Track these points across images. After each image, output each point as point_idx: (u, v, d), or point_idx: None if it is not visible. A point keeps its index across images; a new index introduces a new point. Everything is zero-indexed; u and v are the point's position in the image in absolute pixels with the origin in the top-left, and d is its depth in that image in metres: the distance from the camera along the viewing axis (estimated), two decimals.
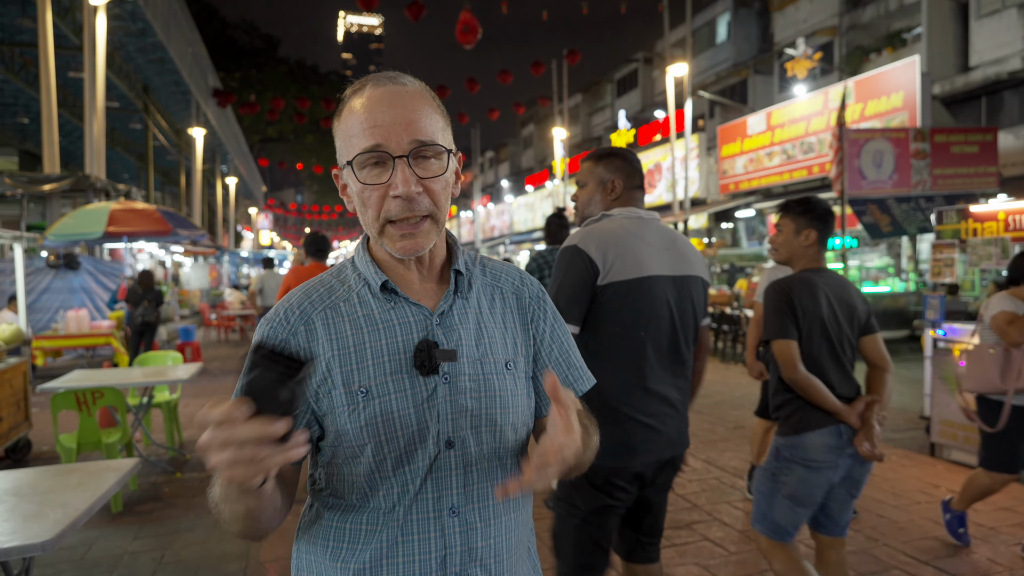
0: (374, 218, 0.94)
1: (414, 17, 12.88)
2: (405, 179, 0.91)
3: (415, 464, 0.93)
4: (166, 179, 29.67)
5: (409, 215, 0.93)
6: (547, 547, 3.44)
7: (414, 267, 1.00)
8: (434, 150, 0.94)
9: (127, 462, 2.46)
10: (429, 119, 0.94)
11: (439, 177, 0.94)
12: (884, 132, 11.68)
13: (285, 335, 0.95)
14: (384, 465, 0.92)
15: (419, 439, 0.93)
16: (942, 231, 5.92)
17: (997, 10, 13.37)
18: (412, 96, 0.94)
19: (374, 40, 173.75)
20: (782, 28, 19.90)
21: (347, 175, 0.97)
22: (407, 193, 0.91)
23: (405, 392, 0.93)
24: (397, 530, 0.93)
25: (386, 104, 0.92)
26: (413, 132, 0.92)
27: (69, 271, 9.63)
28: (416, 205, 0.92)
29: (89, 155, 11.47)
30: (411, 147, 0.91)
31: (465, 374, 0.96)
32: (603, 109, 32.16)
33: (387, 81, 0.94)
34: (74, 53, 13.86)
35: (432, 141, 0.93)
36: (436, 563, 0.93)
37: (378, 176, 0.92)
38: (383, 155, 0.91)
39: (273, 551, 3.45)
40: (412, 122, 0.92)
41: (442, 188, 0.95)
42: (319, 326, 0.96)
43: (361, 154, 0.92)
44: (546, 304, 1.10)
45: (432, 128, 0.94)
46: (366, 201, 0.94)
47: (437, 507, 0.94)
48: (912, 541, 3.48)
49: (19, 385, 5.08)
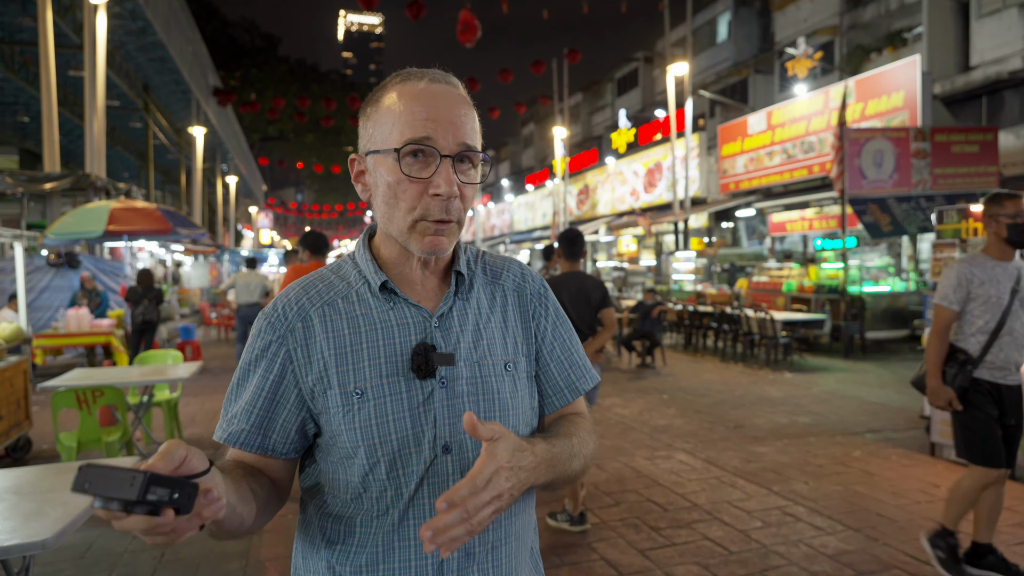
0: (407, 210, 0.92)
1: (414, 16, 12.88)
2: (449, 179, 0.90)
3: (409, 468, 0.91)
4: (166, 178, 29.66)
5: (446, 217, 0.92)
6: (546, 547, 3.44)
7: (418, 266, 0.98)
8: (476, 157, 0.94)
9: (127, 461, 2.46)
10: (473, 125, 0.95)
11: (473, 185, 0.95)
12: (885, 132, 11.68)
13: (283, 331, 0.95)
14: (377, 468, 0.91)
15: (413, 443, 0.91)
16: (943, 231, 5.92)
17: (998, 9, 13.36)
18: (463, 100, 0.95)
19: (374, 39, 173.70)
20: (783, 27, 19.89)
21: (376, 162, 0.94)
22: (449, 193, 0.90)
23: (400, 395, 0.92)
24: (393, 534, 0.92)
25: (441, 101, 0.92)
26: (461, 135, 0.92)
27: (69, 270, 9.63)
28: (452, 207, 0.92)
29: (89, 154, 11.47)
30: (459, 149, 0.91)
31: (463, 378, 0.95)
32: (603, 108, 32.14)
33: (442, 79, 0.94)
34: (74, 52, 13.87)
35: (476, 148, 0.94)
36: (433, 569, 0.92)
37: (420, 170, 0.90)
38: (431, 150, 0.90)
39: (273, 550, 3.45)
40: (462, 125, 0.92)
41: (471, 196, 0.95)
42: (317, 324, 0.95)
43: (411, 143, 0.90)
44: (548, 301, 1.09)
45: (476, 135, 0.95)
46: (400, 193, 0.91)
47: (434, 512, 0.92)
48: (912, 541, 3.48)
49: (19, 384, 5.08)
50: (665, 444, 5.40)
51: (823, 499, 4.11)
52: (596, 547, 3.46)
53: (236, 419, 0.94)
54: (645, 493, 4.26)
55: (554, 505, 3.93)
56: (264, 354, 0.95)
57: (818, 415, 6.35)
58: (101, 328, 8.38)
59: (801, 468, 4.74)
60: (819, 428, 5.87)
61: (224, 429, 0.95)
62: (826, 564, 3.23)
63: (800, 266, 13.05)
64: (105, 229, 8.67)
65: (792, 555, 3.33)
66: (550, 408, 1.07)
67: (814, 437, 5.57)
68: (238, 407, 0.94)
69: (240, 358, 0.98)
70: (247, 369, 0.95)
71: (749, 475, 4.59)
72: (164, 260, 16.67)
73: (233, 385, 0.97)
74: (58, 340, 8.24)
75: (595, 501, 4.12)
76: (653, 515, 3.88)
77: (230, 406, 0.96)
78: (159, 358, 5.53)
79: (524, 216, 32.49)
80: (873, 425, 5.97)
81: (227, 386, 0.98)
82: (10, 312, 7.46)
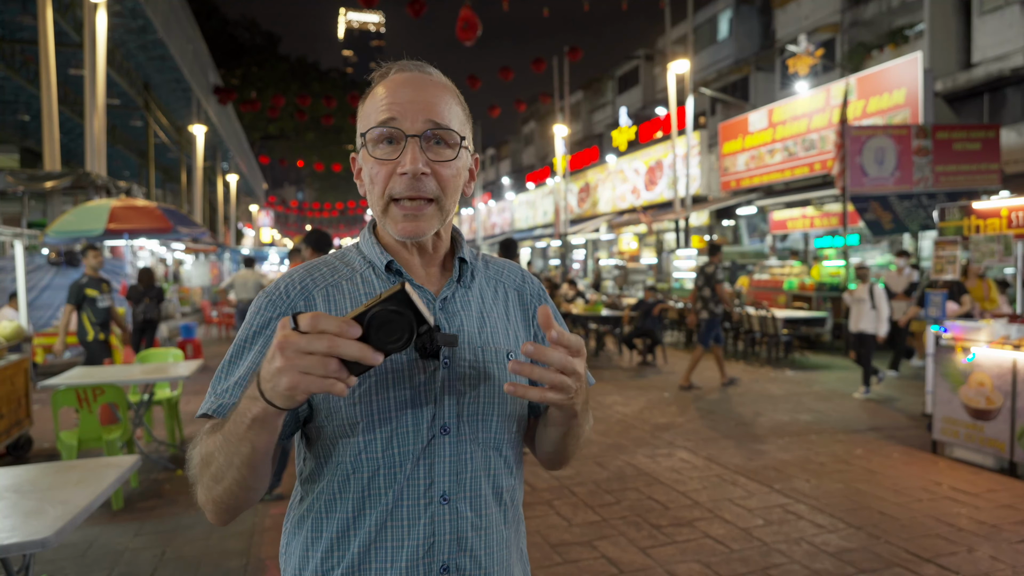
0: (379, 195, 0.94)
1: (416, 14, 12.86)
2: (414, 157, 0.91)
3: (405, 447, 0.91)
4: (167, 176, 29.64)
5: (414, 195, 0.92)
6: (534, 546, 3.44)
7: (416, 254, 1.00)
8: (448, 135, 0.94)
9: (128, 459, 2.46)
10: (448, 107, 0.95)
11: (449, 163, 0.94)
12: (886, 129, 11.65)
13: (284, 308, 0.94)
14: (373, 445, 0.90)
15: (412, 422, 0.91)
16: (944, 228, 5.90)
17: (1000, 7, 13.32)
18: (435, 84, 0.96)
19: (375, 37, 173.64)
20: (784, 24, 19.85)
21: (362, 155, 0.97)
22: (414, 171, 0.90)
23: (403, 373, 0.92)
24: (386, 515, 0.91)
25: (408, 86, 0.94)
26: (429, 114, 0.92)
27: (70, 268, 9.63)
28: (422, 186, 0.92)
29: (90, 152, 11.46)
30: (425, 127, 0.92)
31: (466, 360, 0.95)
32: (604, 106, 32.09)
33: (413, 67, 0.96)
34: (75, 50, 13.84)
35: (447, 126, 0.94)
36: (423, 550, 0.91)
37: (389, 153, 0.92)
38: (396, 132, 0.91)
39: (273, 548, 3.44)
40: (431, 105, 0.93)
41: (451, 175, 0.95)
42: (319, 301, 0.95)
43: (375, 127, 0.92)
44: (547, 303, 1.10)
45: (449, 115, 0.95)
46: (374, 177, 0.94)
47: (428, 494, 0.92)
48: (914, 539, 3.47)
49: (20, 382, 5.08)
50: (666, 442, 5.40)
51: (825, 497, 4.11)
52: (597, 545, 3.45)
53: (228, 393, 0.91)
54: (646, 491, 4.25)
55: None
56: (263, 331, 0.94)
57: (819, 413, 6.34)
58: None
59: (803, 466, 4.73)
60: (820, 426, 5.86)
61: (213, 402, 0.91)
62: (828, 562, 3.22)
63: (801, 264, 13.02)
64: (106, 228, 8.67)
65: (794, 553, 3.33)
66: (544, 407, 1.07)
67: (815, 435, 5.56)
68: (230, 382, 0.92)
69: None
70: (242, 345, 0.94)
71: (750, 473, 4.58)
72: (165, 259, 16.67)
73: (225, 362, 0.94)
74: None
75: (596, 499, 4.11)
76: (654, 513, 3.88)
77: (219, 383, 0.93)
78: (160, 356, 5.53)
79: (525, 214, 32.46)
80: (875, 423, 5.96)
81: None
82: (11, 311, 7.46)
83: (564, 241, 22.99)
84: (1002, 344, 4.62)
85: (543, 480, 4.45)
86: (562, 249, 23.10)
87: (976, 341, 4.80)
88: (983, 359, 4.67)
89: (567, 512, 3.90)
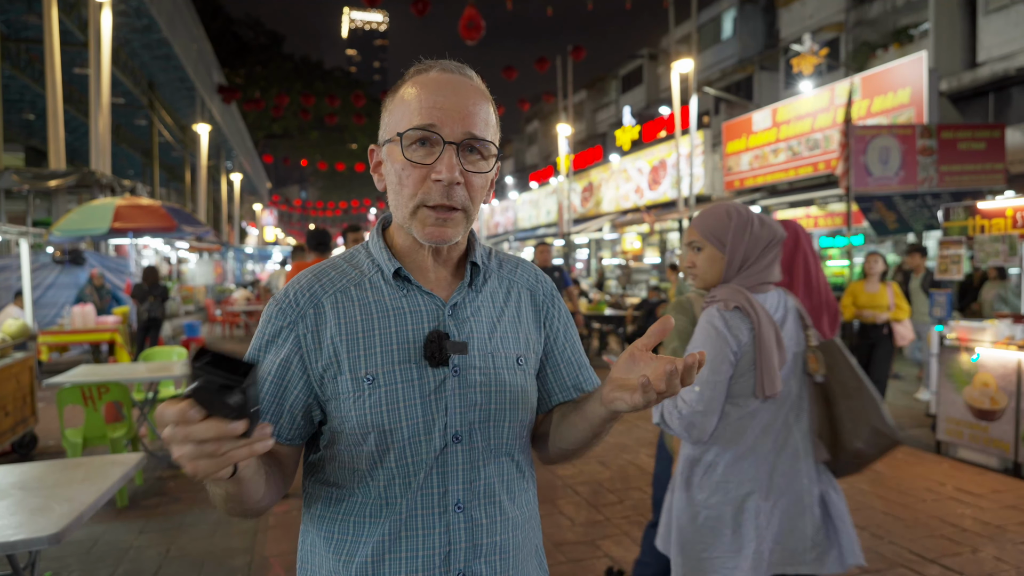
0: (409, 197, 0.92)
1: (419, 13, 12.87)
2: (451, 165, 0.90)
3: (418, 456, 0.91)
4: (171, 175, 29.72)
5: (446, 202, 0.91)
6: (552, 544, 3.44)
7: (430, 256, 0.98)
8: (485, 147, 0.94)
9: (132, 457, 2.47)
10: (487, 118, 0.94)
11: (482, 174, 0.94)
12: (891, 129, 11.61)
13: (294, 317, 0.94)
14: (387, 456, 0.91)
15: (424, 431, 0.91)
16: (949, 228, 5.88)
17: (1005, 6, 13.27)
18: (476, 91, 0.94)
19: (378, 37, 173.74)
20: (788, 24, 19.80)
21: (388, 150, 0.95)
22: (449, 179, 0.89)
23: (412, 382, 0.91)
24: (400, 524, 0.91)
25: (450, 90, 0.92)
26: (469, 124, 0.91)
27: (75, 267, 9.67)
28: (454, 194, 0.91)
29: (95, 151, 11.50)
30: (464, 137, 0.91)
31: (476, 367, 0.95)
32: (608, 105, 32.05)
33: (455, 69, 0.95)
34: (79, 49, 13.89)
35: (484, 138, 0.93)
36: (440, 559, 0.92)
37: (424, 156, 0.91)
38: (435, 137, 0.90)
39: (278, 546, 3.45)
40: (471, 115, 0.92)
41: (481, 185, 0.94)
42: (328, 309, 0.95)
43: (413, 129, 0.91)
44: (559, 303, 1.10)
45: (486, 127, 0.94)
46: (404, 179, 0.92)
47: (442, 502, 0.92)
48: (918, 539, 3.47)
49: (25, 380, 5.10)
50: None
51: None
52: (600, 544, 3.45)
53: None
54: (649, 491, 4.25)
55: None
56: (275, 340, 0.94)
57: None
58: (106, 325, 8.42)
59: None
60: None
61: None
62: None
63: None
64: (110, 226, 8.69)
65: None
66: (553, 404, 1.08)
67: None
68: None
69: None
70: (256, 355, 0.95)
71: None
72: (168, 257, 16.71)
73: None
74: (64, 337, 8.27)
75: (599, 498, 4.11)
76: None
77: None
78: (164, 355, 5.55)
79: (528, 213, 32.45)
80: None
81: None
82: (16, 309, 7.49)
83: (567, 240, 22.98)
84: (1007, 344, 4.60)
85: (545, 479, 4.45)
86: (565, 248, 23.10)
87: (981, 341, 4.78)
88: (987, 360, 4.66)
89: (570, 511, 3.90)
